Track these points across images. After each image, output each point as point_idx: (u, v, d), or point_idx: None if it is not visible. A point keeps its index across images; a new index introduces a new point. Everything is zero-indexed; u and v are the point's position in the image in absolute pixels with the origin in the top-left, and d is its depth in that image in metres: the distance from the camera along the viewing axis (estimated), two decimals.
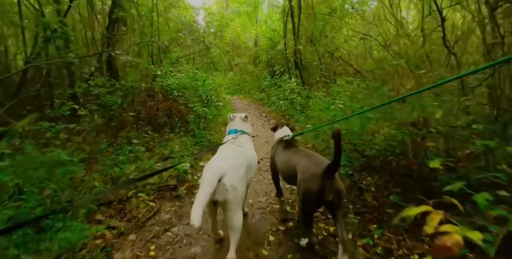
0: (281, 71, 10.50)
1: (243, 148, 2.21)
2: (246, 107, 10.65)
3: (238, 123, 2.49)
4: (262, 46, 15.29)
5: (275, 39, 13.44)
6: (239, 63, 18.00)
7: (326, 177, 1.75)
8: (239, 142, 2.28)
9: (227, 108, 9.37)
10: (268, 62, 13.69)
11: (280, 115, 7.80)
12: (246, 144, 2.32)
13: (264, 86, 11.90)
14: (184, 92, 5.69)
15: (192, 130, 4.79)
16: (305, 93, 6.81)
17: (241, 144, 2.25)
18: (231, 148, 2.15)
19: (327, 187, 1.74)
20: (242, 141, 2.31)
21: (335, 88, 6.08)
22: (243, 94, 15.55)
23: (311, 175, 1.83)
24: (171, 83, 5.46)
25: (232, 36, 17.16)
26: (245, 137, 2.40)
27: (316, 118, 4.51)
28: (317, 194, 1.76)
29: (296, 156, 2.17)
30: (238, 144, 2.23)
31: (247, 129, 2.51)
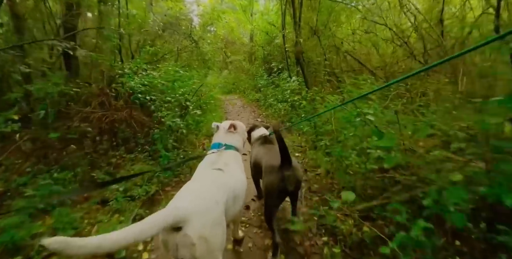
0: (279, 68, 9.09)
1: (225, 172, 1.62)
2: (240, 109, 9.25)
3: (222, 135, 1.96)
4: (258, 42, 13.84)
5: (272, 33, 12.01)
6: (234, 61, 16.56)
7: (285, 168, 1.75)
8: (221, 161, 1.71)
9: (217, 112, 7.98)
10: (265, 59, 12.28)
11: (279, 121, 6.40)
12: (230, 164, 1.72)
13: (261, 86, 10.50)
14: (159, 96, 4.27)
15: (156, 151, 3.39)
16: (309, 95, 5.45)
17: (223, 166, 1.66)
18: (205, 175, 1.60)
19: (288, 178, 1.74)
20: (225, 160, 1.73)
21: (350, 88, 4.71)
22: (238, 94, 14.14)
23: (271, 167, 1.83)
24: (134, 85, 4.04)
25: (226, 31, 15.68)
26: (230, 154, 1.85)
27: (347, 141, 3.10)
28: (280, 185, 1.75)
29: (264, 151, 2.13)
30: (218, 167, 1.64)
31: (235, 143, 1.96)
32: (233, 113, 8.46)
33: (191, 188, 1.40)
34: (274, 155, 1.90)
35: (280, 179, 1.75)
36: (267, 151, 2.10)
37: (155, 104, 3.90)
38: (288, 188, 1.75)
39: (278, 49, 11.40)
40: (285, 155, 1.73)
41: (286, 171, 1.74)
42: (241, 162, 1.90)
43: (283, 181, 1.74)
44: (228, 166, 1.69)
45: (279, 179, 1.75)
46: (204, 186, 1.42)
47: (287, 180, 1.74)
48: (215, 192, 1.38)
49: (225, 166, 1.65)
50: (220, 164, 1.66)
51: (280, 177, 1.75)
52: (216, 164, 1.66)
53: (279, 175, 1.75)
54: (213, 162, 1.69)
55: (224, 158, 1.75)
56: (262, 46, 12.45)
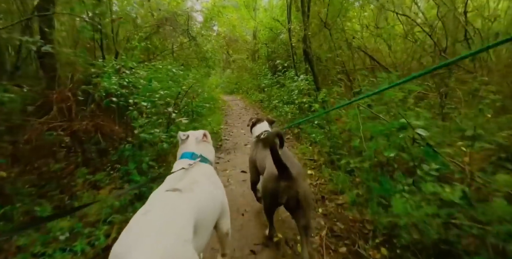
0: (284, 66, 8.23)
1: (186, 192, 1.14)
2: (242, 111, 8.41)
3: (194, 145, 1.57)
4: (261, 39, 12.98)
5: (277, 29, 11.14)
6: (237, 59, 15.71)
7: (282, 178, 1.56)
8: (189, 178, 1.28)
9: (216, 115, 7.15)
10: (269, 57, 11.42)
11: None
12: (200, 182, 1.28)
13: (264, 85, 9.64)
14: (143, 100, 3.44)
15: (128, 173, 2.56)
16: (321, 96, 4.59)
17: (189, 184, 1.22)
18: (160, 201, 1.11)
19: (282, 189, 1.56)
20: (196, 177, 1.31)
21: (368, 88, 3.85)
22: (241, 94, 13.32)
23: (269, 174, 1.67)
24: (108, 86, 3.23)
25: (228, 29, 14.84)
26: (205, 169, 1.45)
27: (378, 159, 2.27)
28: (272, 195, 1.61)
29: (268, 156, 1.73)
30: (179, 186, 1.17)
31: (209, 155, 1.60)
32: (233, 115, 7.63)
33: (145, 224, 0.94)
34: None
35: (273, 188, 1.60)
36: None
37: (137, 110, 3.07)
38: (279, 200, 1.58)
39: (283, 46, 10.54)
40: (280, 165, 1.54)
41: (283, 180, 1.56)
42: (216, 177, 1.50)
43: (276, 191, 1.58)
44: (197, 184, 1.26)
45: (272, 188, 1.61)
46: (164, 218, 0.98)
47: (281, 191, 1.56)
48: (180, 225, 0.97)
49: (191, 184, 1.23)
50: (185, 182, 1.24)
51: (274, 186, 1.60)
52: (180, 182, 1.25)
53: (274, 184, 1.60)
54: (178, 179, 1.29)
55: (195, 173, 1.36)
56: (265, 43, 11.59)
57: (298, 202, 1.55)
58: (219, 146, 4.41)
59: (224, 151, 4.19)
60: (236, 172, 3.34)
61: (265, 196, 1.75)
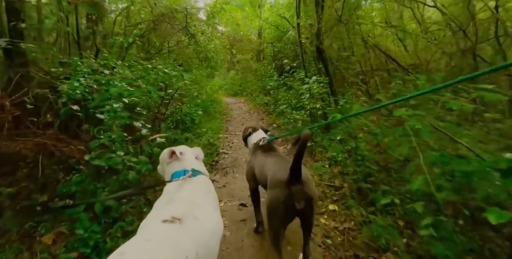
0: (292, 66, 7.35)
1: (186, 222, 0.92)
2: (245, 116, 7.56)
3: (188, 161, 1.38)
4: (266, 38, 12.13)
5: (283, 27, 10.30)
6: (241, 60, 14.88)
7: (293, 182, 1.40)
8: (185, 200, 1.07)
9: (216, 120, 6.32)
10: (275, 57, 10.57)
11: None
12: (199, 204, 1.09)
13: (270, 87, 8.79)
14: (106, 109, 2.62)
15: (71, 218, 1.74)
16: (342, 101, 3.71)
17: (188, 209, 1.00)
18: (165, 242, 0.83)
19: (296, 194, 1.39)
20: (193, 197, 1.11)
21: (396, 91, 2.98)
22: (245, 97, 12.48)
23: (277, 181, 1.49)
24: (69, 90, 2.44)
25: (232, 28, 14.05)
26: (199, 183, 1.25)
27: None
28: (286, 203, 1.40)
29: (269, 162, 1.79)
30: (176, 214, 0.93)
31: (203, 169, 1.43)
32: (235, 121, 6.78)
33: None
34: (282, 166, 1.56)
35: (287, 195, 1.40)
36: (273, 162, 1.74)
37: (104, 123, 2.24)
38: (297, 205, 1.38)
39: (291, 45, 9.69)
40: (297, 168, 1.36)
41: (294, 185, 1.39)
42: (213, 193, 1.28)
43: (291, 197, 1.38)
44: (198, 208, 1.03)
45: (285, 194, 1.40)
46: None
47: (295, 196, 1.38)
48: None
49: (191, 209, 0.99)
50: (183, 206, 0.99)
51: (287, 192, 1.40)
52: (175, 206, 1.00)
53: (286, 190, 1.41)
54: (170, 201, 1.05)
55: (190, 192, 1.12)
56: (271, 42, 10.75)
57: (311, 205, 1.44)
58: (214, 163, 3.57)
59: (220, 170, 3.34)
60: (233, 205, 2.48)
61: (277, 209, 1.46)
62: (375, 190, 2.37)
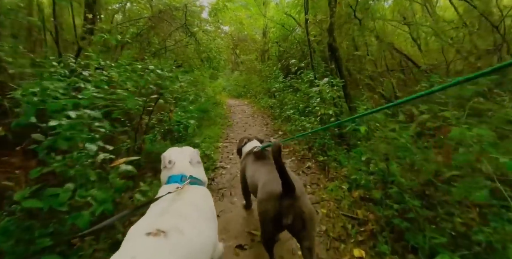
0: (299, 67, 6.75)
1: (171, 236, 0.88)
2: (248, 121, 6.97)
3: (184, 165, 1.38)
4: (272, 37, 11.55)
5: (289, 26, 9.72)
6: (245, 61, 14.31)
7: (285, 197, 1.33)
8: (178, 211, 1.03)
9: (215, 126, 5.75)
10: (280, 57, 9.98)
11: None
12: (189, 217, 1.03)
13: (275, 89, 8.20)
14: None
15: None
16: (363, 108, 3.10)
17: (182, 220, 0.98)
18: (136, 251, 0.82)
19: (285, 209, 1.32)
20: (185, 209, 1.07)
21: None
22: (249, 99, 11.91)
23: (268, 193, 1.43)
24: (24, 97, 1.88)
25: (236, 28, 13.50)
26: (195, 194, 1.21)
27: None
28: (275, 217, 1.36)
29: (261, 170, 1.73)
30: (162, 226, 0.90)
31: (201, 175, 1.41)
32: (238, 126, 6.20)
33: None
34: (274, 176, 1.41)
35: (276, 209, 1.35)
36: (265, 171, 1.67)
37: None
38: (284, 220, 1.32)
39: (297, 45, 9.10)
40: (286, 180, 1.30)
41: (285, 199, 1.33)
42: (210, 205, 1.24)
43: (279, 212, 1.34)
44: (187, 220, 0.98)
45: (274, 209, 1.35)
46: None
47: (285, 211, 1.32)
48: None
49: (179, 222, 0.95)
50: (171, 218, 0.96)
51: (277, 207, 1.34)
52: (164, 218, 0.96)
53: (276, 204, 1.35)
54: (162, 212, 1.00)
55: (184, 201, 1.09)
56: (277, 42, 10.16)
57: (304, 223, 1.33)
58: (209, 181, 2.99)
59: (215, 192, 2.75)
60: (228, 247, 1.90)
61: (266, 220, 1.41)
62: (414, 229, 1.77)
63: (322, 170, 3.23)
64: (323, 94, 3.87)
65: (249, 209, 2.41)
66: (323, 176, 3.06)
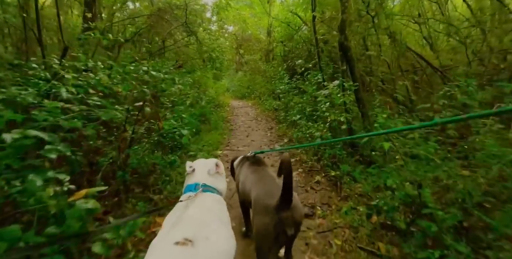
0: (306, 68, 6.34)
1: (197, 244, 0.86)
2: (252, 124, 6.59)
3: (202, 176, 1.35)
4: (276, 37, 11.16)
5: (295, 25, 9.32)
6: (249, 61, 13.94)
7: (282, 208, 1.24)
8: (200, 219, 1.01)
9: (216, 131, 5.39)
10: (285, 57, 9.58)
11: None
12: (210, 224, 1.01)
13: (280, 91, 7.81)
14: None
15: None
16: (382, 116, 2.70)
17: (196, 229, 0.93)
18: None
19: (286, 220, 1.23)
20: (202, 216, 1.04)
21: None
22: (253, 100, 11.54)
23: (264, 207, 1.30)
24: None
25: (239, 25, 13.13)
26: (209, 201, 1.18)
27: None
28: (276, 230, 1.24)
29: (252, 178, 1.61)
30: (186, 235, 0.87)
31: (219, 184, 1.37)
32: (240, 130, 5.82)
33: None
34: (268, 186, 1.43)
35: (277, 222, 1.24)
36: (258, 178, 1.58)
37: None
38: (288, 231, 1.24)
39: (303, 44, 8.69)
40: (287, 194, 1.21)
41: (283, 212, 1.24)
42: (224, 210, 1.22)
43: (281, 224, 1.23)
44: (210, 227, 0.98)
45: (275, 222, 1.24)
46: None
47: (285, 222, 1.23)
48: None
49: (203, 229, 0.93)
50: (194, 226, 0.94)
51: (277, 220, 1.24)
52: (185, 226, 0.94)
53: (275, 217, 1.24)
54: (177, 221, 0.98)
55: (199, 211, 1.06)
56: (282, 41, 9.76)
57: (298, 231, 1.32)
58: None
59: None
60: None
61: (266, 237, 1.26)
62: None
63: (333, 186, 2.83)
64: (334, 99, 3.47)
65: (249, 236, 2.06)
66: (335, 194, 2.66)
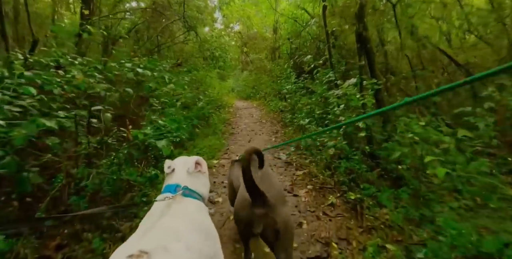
0: (315, 66, 5.72)
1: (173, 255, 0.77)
2: (256, 128, 6.02)
3: (182, 175, 1.17)
4: (283, 34, 10.56)
5: (302, 20, 8.71)
6: (255, 59, 13.36)
7: (256, 205, 1.20)
8: (168, 226, 0.88)
9: (215, 136, 4.83)
10: (292, 55, 8.98)
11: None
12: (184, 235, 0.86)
13: (287, 91, 7.21)
14: None
15: None
16: (417, 128, 2.10)
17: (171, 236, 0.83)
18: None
19: (256, 218, 1.21)
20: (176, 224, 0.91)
21: None
22: (258, 100, 10.96)
23: (241, 200, 1.34)
24: None
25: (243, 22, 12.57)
26: (188, 206, 1.03)
27: None
28: (245, 224, 1.28)
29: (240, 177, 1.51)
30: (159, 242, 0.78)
31: (200, 187, 1.19)
32: (241, 136, 5.25)
33: None
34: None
35: (247, 217, 1.25)
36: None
37: None
38: (254, 230, 1.21)
39: (311, 41, 8.08)
40: (253, 189, 1.18)
41: (257, 208, 1.20)
42: (206, 219, 1.04)
43: (250, 220, 1.23)
44: (176, 236, 0.83)
45: (245, 216, 1.27)
46: None
47: (256, 220, 1.21)
48: None
49: (166, 239, 0.80)
50: (158, 235, 0.82)
51: (248, 215, 1.24)
52: (149, 236, 0.81)
53: (247, 212, 1.24)
54: (149, 228, 0.85)
55: (175, 216, 0.93)
56: (289, 38, 9.16)
57: (277, 234, 1.22)
58: None
59: None
60: None
61: (238, 224, 1.38)
62: None
63: (352, 211, 2.24)
64: (351, 100, 2.87)
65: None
66: (355, 224, 2.07)
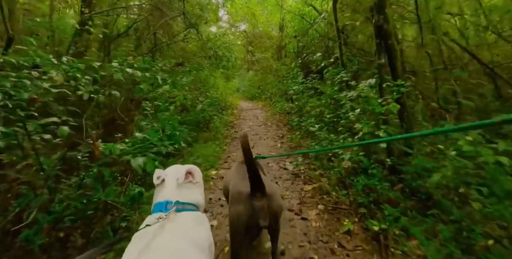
0: (324, 65, 5.26)
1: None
2: (260, 131, 5.61)
3: (172, 188, 1.08)
4: (289, 32, 10.13)
5: (309, 17, 8.27)
6: (261, 59, 12.94)
7: (256, 196, 1.20)
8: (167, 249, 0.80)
9: (214, 143, 4.44)
10: (299, 54, 8.54)
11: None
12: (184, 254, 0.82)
13: (293, 92, 6.78)
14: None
15: None
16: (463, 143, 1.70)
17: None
18: None
19: (259, 211, 1.18)
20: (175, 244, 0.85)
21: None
22: (263, 101, 10.55)
23: (236, 194, 1.28)
24: None
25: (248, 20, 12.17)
26: (184, 221, 0.95)
27: None
28: (249, 221, 1.20)
29: (234, 171, 1.53)
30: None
31: (194, 197, 1.11)
32: (238, 142, 4.87)
33: None
34: (244, 176, 1.28)
35: (249, 211, 1.20)
36: (238, 171, 1.47)
37: None
38: (261, 223, 1.19)
39: (320, 39, 7.62)
40: (255, 179, 1.18)
41: (257, 200, 1.19)
42: (203, 231, 0.98)
43: (254, 214, 1.19)
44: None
45: (247, 211, 1.20)
46: None
47: (259, 212, 1.19)
48: None
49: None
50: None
51: (249, 208, 1.20)
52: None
53: (247, 206, 1.20)
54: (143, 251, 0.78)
55: (170, 237, 0.85)
56: (295, 36, 8.72)
57: (277, 221, 1.26)
58: None
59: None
60: None
61: (238, 225, 1.22)
62: None
63: (373, 241, 1.81)
64: (371, 104, 2.44)
65: None
66: (376, 256, 1.65)
